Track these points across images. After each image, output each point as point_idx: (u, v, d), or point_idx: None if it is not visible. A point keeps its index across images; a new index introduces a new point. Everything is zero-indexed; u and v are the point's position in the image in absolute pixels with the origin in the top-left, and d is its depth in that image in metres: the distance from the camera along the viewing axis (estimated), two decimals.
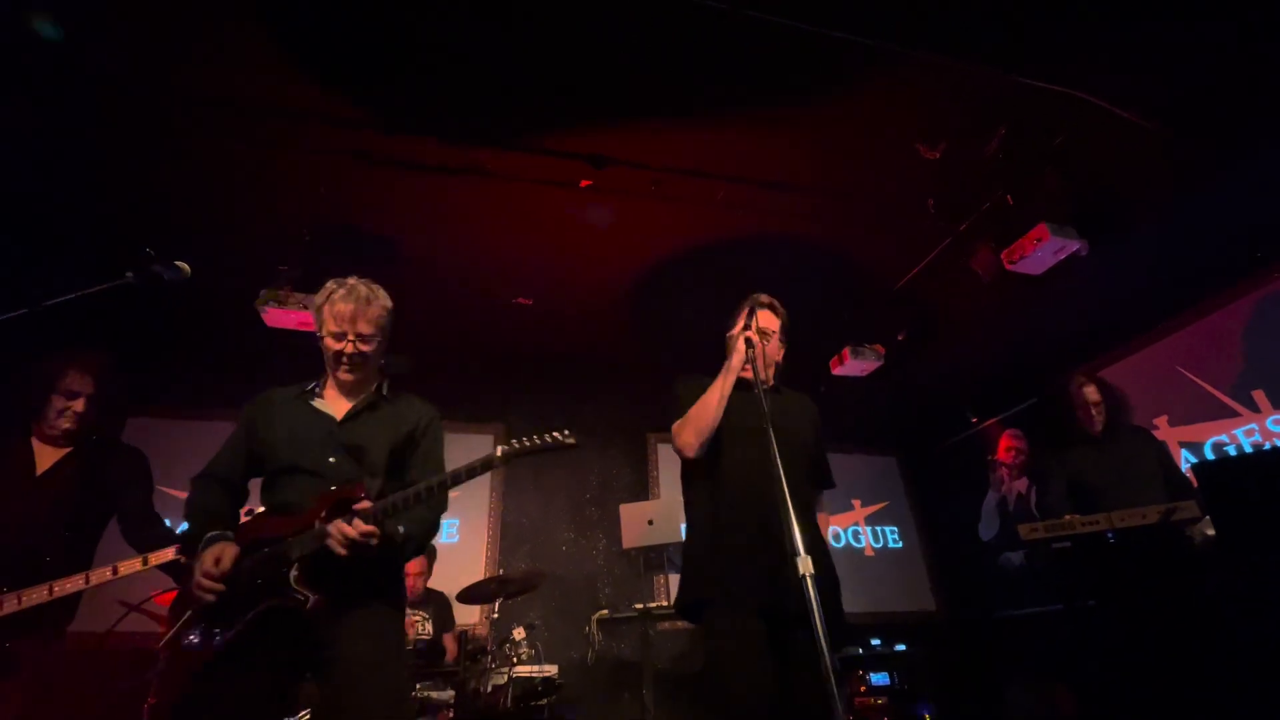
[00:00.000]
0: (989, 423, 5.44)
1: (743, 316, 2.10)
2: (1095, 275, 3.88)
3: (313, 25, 2.47)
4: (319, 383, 1.88)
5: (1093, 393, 3.03)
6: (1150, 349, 4.40)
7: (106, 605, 2.45)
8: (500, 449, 1.55)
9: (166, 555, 2.10)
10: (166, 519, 2.46)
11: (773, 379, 2.27)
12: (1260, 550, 1.95)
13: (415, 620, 3.53)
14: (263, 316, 3.35)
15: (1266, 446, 3.68)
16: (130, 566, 2.05)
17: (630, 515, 3.89)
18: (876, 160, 3.24)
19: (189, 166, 3.02)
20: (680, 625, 4.36)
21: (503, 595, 3.28)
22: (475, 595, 3.32)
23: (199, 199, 3.22)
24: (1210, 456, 3.95)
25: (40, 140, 2.82)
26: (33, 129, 2.74)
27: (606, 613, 3.99)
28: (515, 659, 3.16)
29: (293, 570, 1.54)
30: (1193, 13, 2.52)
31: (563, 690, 3.34)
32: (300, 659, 1.57)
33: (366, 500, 1.57)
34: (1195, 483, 2.52)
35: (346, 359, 1.78)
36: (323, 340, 1.81)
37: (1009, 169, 3.22)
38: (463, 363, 4.53)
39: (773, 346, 2.27)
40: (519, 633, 3.23)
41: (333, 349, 1.78)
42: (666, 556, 4.00)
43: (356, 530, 1.48)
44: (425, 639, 3.38)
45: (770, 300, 2.32)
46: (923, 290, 4.17)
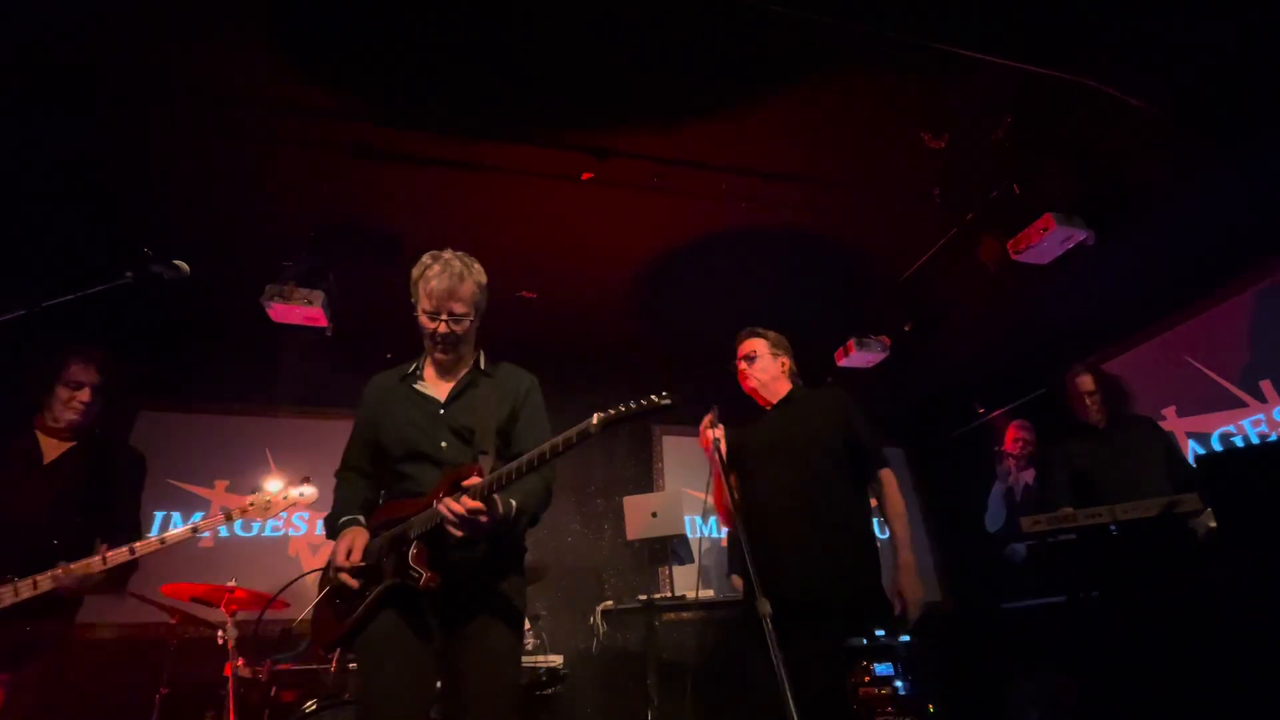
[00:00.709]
0: (996, 414, 5.40)
1: (708, 416, 2.27)
2: (1103, 265, 3.84)
3: (314, 21, 2.47)
4: (419, 364, 1.89)
5: (1087, 383, 3.01)
6: (1159, 339, 4.36)
7: (112, 597, 2.50)
8: (597, 416, 1.48)
9: (178, 535, 2.19)
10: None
11: (778, 392, 2.44)
12: (1262, 543, 1.93)
13: None
14: (268, 312, 3.38)
15: (1273, 437, 3.64)
16: (148, 546, 2.12)
17: (634, 507, 3.91)
18: (882, 150, 3.21)
19: (191, 163, 3.04)
20: (685, 616, 4.38)
21: None
22: None
23: (201, 195, 3.24)
24: (1218, 447, 3.91)
25: (39, 138, 2.83)
26: (31, 126, 2.76)
27: (611, 604, 4.01)
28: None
29: (411, 549, 1.57)
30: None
31: (567, 680, 3.38)
32: (428, 630, 1.61)
33: (477, 478, 1.57)
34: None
35: (440, 339, 1.77)
36: (417, 317, 1.81)
37: (1015, 158, 3.18)
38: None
39: (761, 366, 2.46)
40: (525, 624, 3.25)
41: (427, 328, 1.78)
42: (670, 548, 4.01)
43: (464, 507, 1.48)
44: None
45: (750, 329, 2.54)
46: (929, 281, 4.14)
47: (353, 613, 1.61)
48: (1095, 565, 2.71)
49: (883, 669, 4.11)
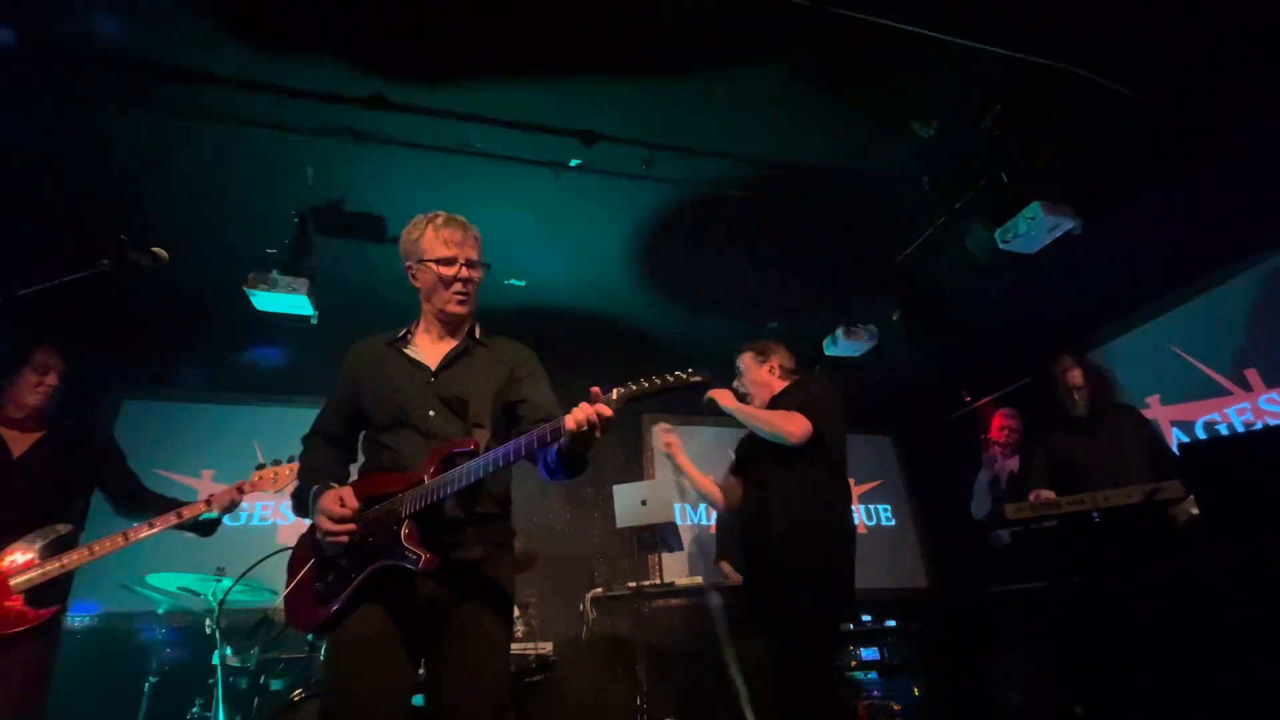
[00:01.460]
0: (983, 402, 5.45)
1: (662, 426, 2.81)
2: (1090, 253, 3.85)
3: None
4: (409, 329, 1.77)
5: (1076, 376, 3.04)
6: (1144, 327, 4.40)
7: (100, 586, 2.50)
8: (616, 391, 1.38)
9: (197, 508, 2.23)
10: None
11: (770, 394, 2.59)
12: (1244, 531, 1.97)
13: None
14: (253, 300, 3.34)
15: (1258, 426, 3.69)
16: (166, 520, 2.18)
17: (624, 495, 3.92)
18: (870, 138, 3.19)
19: (171, 147, 2.97)
20: (673, 603, 4.42)
21: None
22: None
23: (182, 182, 3.18)
24: (1202, 435, 3.96)
25: (14, 122, 2.77)
26: (6, 112, 2.70)
27: (601, 591, 4.04)
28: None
29: (403, 528, 1.45)
30: None
31: (557, 667, 3.40)
32: (417, 616, 1.49)
33: (475, 447, 1.48)
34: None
35: (460, 285, 1.68)
36: (424, 272, 1.69)
37: (1004, 146, 3.18)
38: None
39: (749, 378, 2.67)
40: (514, 611, 3.27)
41: (445, 275, 1.67)
42: (660, 536, 4.03)
43: (598, 413, 1.34)
44: None
45: (739, 348, 2.74)
46: (917, 270, 4.15)
47: (335, 594, 1.47)
48: (1077, 552, 2.75)
49: (868, 653, 4.18)
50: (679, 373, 1.38)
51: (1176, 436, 4.06)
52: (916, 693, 4.01)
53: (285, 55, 2.59)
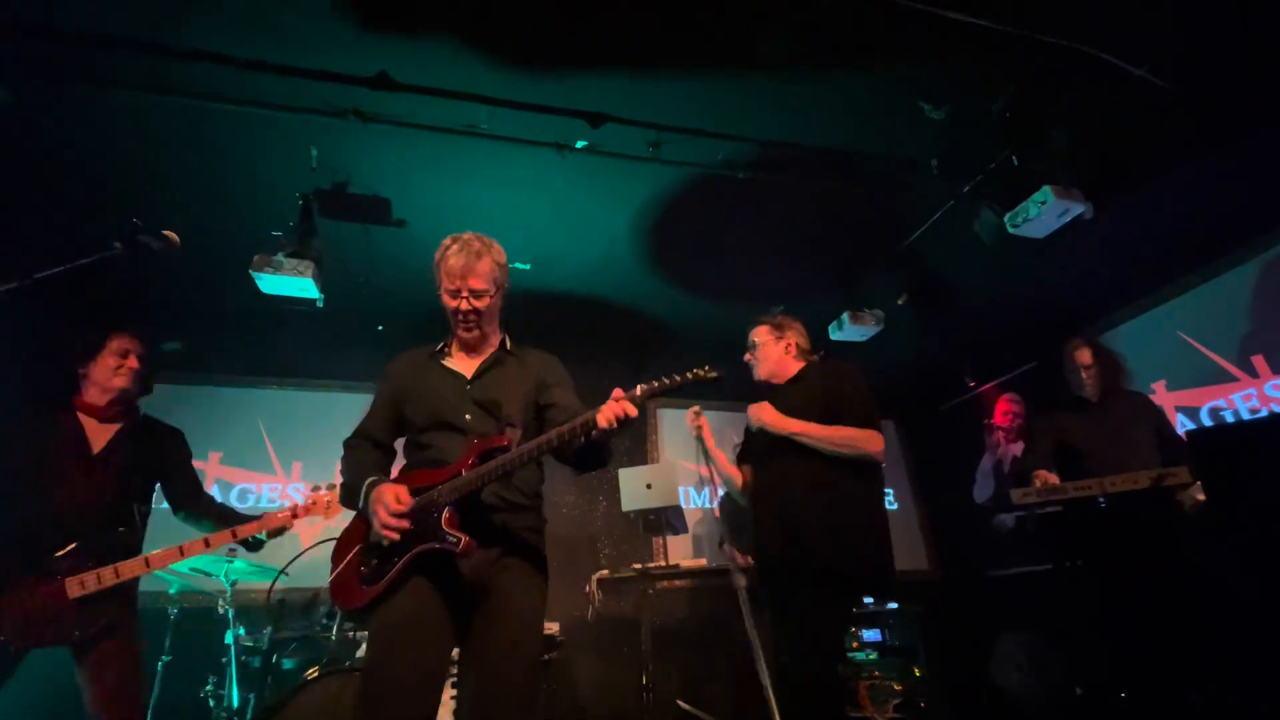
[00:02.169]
0: (987, 387, 5.46)
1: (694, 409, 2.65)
2: (1099, 238, 3.83)
3: None
4: (446, 343, 1.93)
5: (1085, 356, 3.02)
6: (1151, 313, 4.38)
7: None
8: (640, 388, 1.49)
9: (251, 529, 2.21)
10: None
11: (786, 374, 2.52)
12: (1250, 518, 1.98)
13: None
14: (258, 282, 3.33)
15: (1264, 413, 3.69)
16: (221, 539, 2.16)
17: (629, 479, 3.95)
18: (879, 120, 3.16)
19: (176, 128, 2.95)
20: (678, 584, 4.46)
21: None
22: None
23: (187, 163, 3.16)
24: (1207, 422, 3.97)
25: (23, 105, 2.74)
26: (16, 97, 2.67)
27: (606, 572, 4.08)
28: None
29: (444, 514, 1.57)
30: None
31: (564, 646, 3.45)
32: (456, 598, 1.61)
33: (510, 441, 1.63)
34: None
35: (462, 316, 1.81)
36: (441, 298, 1.85)
37: (1015, 129, 3.14)
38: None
39: (764, 353, 2.56)
40: (546, 593, 3.31)
41: (449, 306, 1.83)
42: (665, 519, 4.07)
43: (623, 409, 1.48)
44: None
45: (754, 318, 2.65)
46: (924, 253, 4.12)
47: (380, 577, 1.58)
48: (1082, 536, 2.77)
49: (870, 634, 4.24)
50: (696, 370, 1.50)
51: (1182, 423, 4.07)
52: (917, 673, 4.07)
53: (289, 33, 2.55)
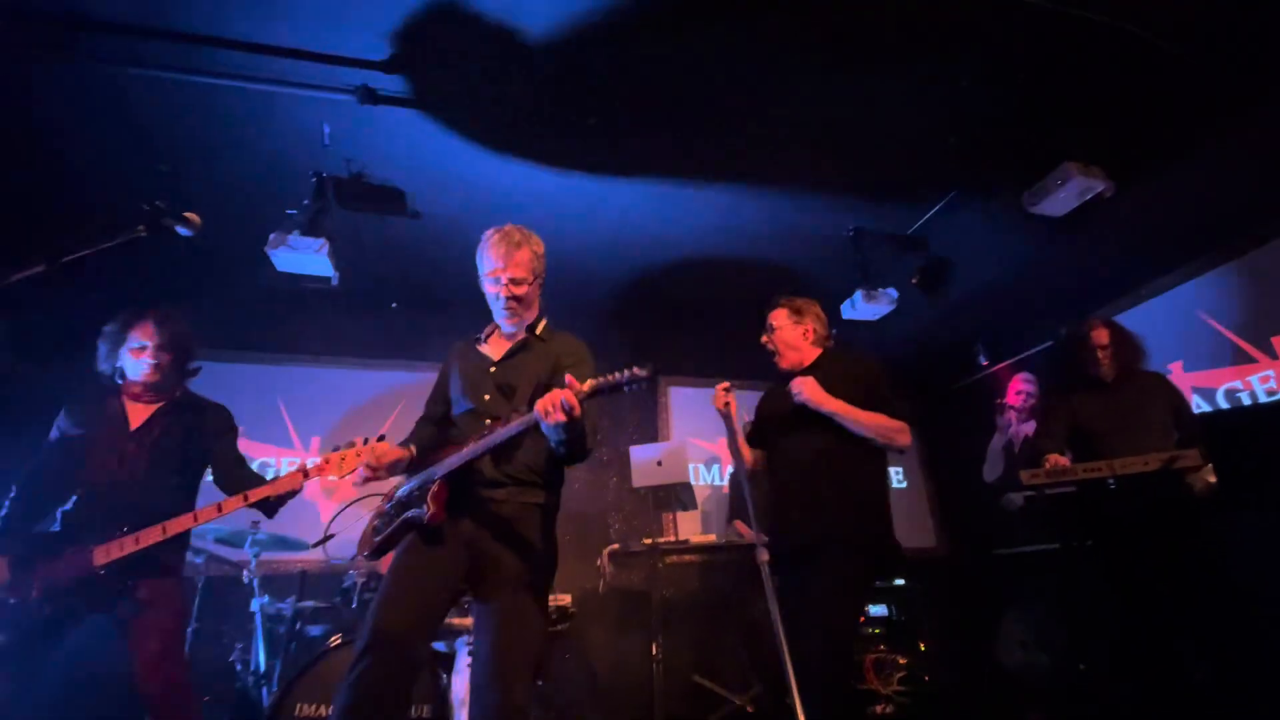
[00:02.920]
0: (1000, 366, 5.43)
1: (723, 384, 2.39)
2: (1118, 217, 3.76)
3: None
4: (488, 328, 2.09)
5: (1102, 336, 2.99)
6: (1170, 293, 4.32)
7: None
8: (588, 383, 1.59)
9: (262, 492, 2.18)
10: None
11: (804, 359, 2.51)
12: (1261, 501, 1.98)
13: None
14: (274, 260, 3.37)
15: None
16: (233, 504, 2.16)
17: (640, 456, 4.00)
18: (895, 96, 3.10)
19: (187, 109, 2.96)
20: (688, 559, 4.54)
21: None
22: None
23: (201, 143, 3.17)
24: (1223, 403, 3.94)
25: (38, 86, 2.76)
26: (28, 78, 2.69)
27: (617, 547, 4.16)
28: None
29: (434, 485, 1.74)
30: None
31: (576, 618, 3.54)
32: (457, 559, 1.76)
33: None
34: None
35: (503, 302, 1.93)
36: (482, 286, 1.99)
37: (1036, 104, 3.07)
38: (471, 308, 4.52)
39: (781, 336, 2.55)
40: (554, 565, 3.38)
41: (490, 293, 1.97)
42: (675, 495, 4.13)
43: (560, 397, 1.55)
44: None
45: (774, 300, 2.62)
46: (940, 230, 4.07)
47: (382, 531, 1.85)
48: (1090, 517, 2.78)
49: (877, 610, 4.30)
50: (633, 368, 1.56)
51: (1197, 404, 4.03)
52: (922, 648, 4.14)
53: (300, 12, 2.54)
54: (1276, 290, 3.73)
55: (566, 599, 3.46)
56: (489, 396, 1.90)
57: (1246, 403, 3.81)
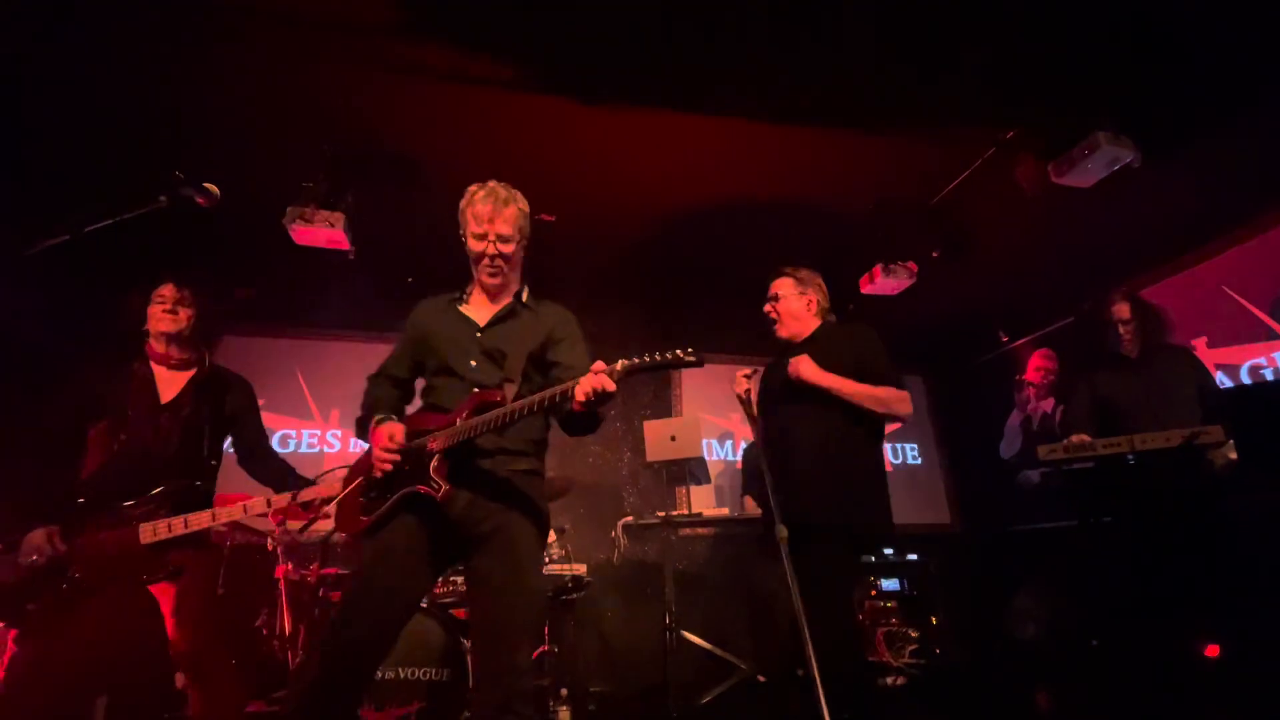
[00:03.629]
0: (1021, 342, 5.36)
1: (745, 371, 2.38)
2: (1144, 189, 3.66)
3: None
4: (467, 290, 1.98)
5: (1123, 310, 2.93)
6: (1196, 268, 4.22)
7: None
8: (621, 363, 1.54)
9: (309, 495, 2.18)
10: None
11: (804, 331, 2.49)
12: None
13: None
14: (291, 234, 3.39)
15: None
16: (281, 500, 2.18)
17: (654, 431, 4.03)
18: (916, 65, 3.01)
19: (203, 81, 2.95)
20: (699, 531, 4.59)
21: None
22: None
23: (219, 113, 3.17)
24: (1247, 380, 3.87)
25: (55, 60, 2.77)
26: (43, 51, 2.69)
27: (631, 519, 4.22)
28: (548, 559, 3.40)
29: (433, 460, 1.67)
30: None
31: (590, 588, 3.60)
32: (445, 535, 1.70)
33: (502, 398, 1.69)
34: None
35: (488, 260, 1.85)
36: (466, 243, 1.89)
37: (1064, 73, 2.98)
38: None
39: (785, 306, 2.52)
40: (551, 536, 3.45)
41: (475, 250, 1.87)
42: (688, 470, 4.16)
43: (599, 384, 1.51)
44: None
45: (779, 269, 2.58)
46: (961, 205, 3.99)
47: (374, 510, 1.73)
48: (1108, 493, 2.76)
49: (889, 584, 4.33)
50: (678, 351, 1.53)
51: (1221, 380, 3.96)
52: (934, 621, 4.17)
53: None
54: None
55: (581, 569, 3.52)
56: (475, 363, 1.82)
57: (1270, 379, 3.73)
